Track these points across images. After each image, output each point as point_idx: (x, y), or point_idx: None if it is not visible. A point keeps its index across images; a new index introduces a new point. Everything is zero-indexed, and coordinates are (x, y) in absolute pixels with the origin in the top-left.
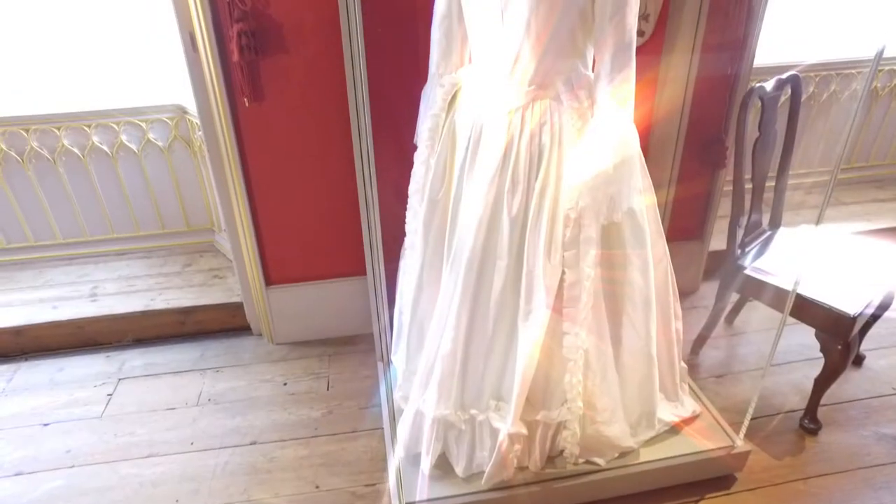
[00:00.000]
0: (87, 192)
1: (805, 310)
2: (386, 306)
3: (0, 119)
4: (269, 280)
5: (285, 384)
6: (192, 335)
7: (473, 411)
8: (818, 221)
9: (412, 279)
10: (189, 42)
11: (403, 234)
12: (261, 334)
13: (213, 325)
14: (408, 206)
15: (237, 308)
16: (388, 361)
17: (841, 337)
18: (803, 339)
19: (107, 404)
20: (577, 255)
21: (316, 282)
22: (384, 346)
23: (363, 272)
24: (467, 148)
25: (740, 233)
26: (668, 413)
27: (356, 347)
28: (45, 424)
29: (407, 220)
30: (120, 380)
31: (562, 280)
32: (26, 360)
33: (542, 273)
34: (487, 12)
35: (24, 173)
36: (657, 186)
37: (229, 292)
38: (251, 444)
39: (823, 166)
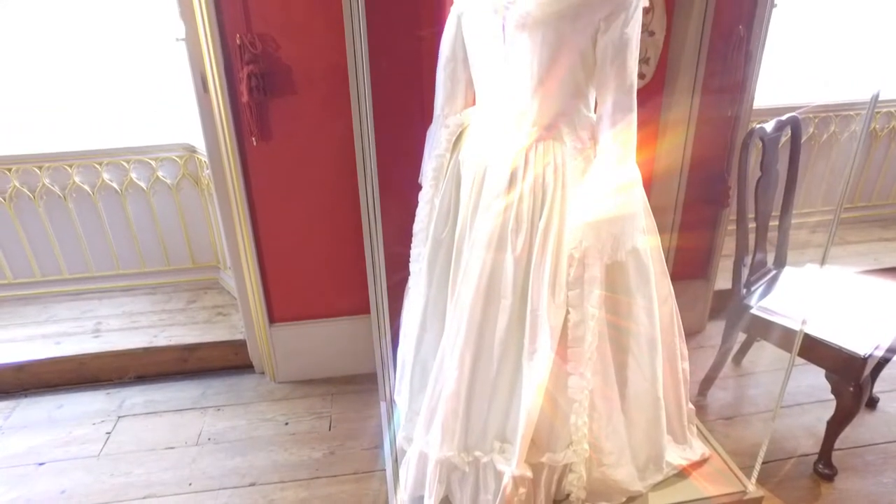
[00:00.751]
0: (95, 228)
1: (814, 350)
2: (389, 345)
3: (15, 157)
4: (272, 318)
5: (287, 423)
6: (194, 373)
7: (477, 453)
8: (823, 261)
9: (416, 318)
10: (201, 83)
11: (407, 272)
12: (263, 372)
13: (216, 362)
14: (412, 245)
15: (240, 346)
16: (392, 401)
17: (852, 378)
18: (814, 381)
19: (105, 443)
20: (581, 295)
21: (319, 320)
22: (387, 386)
23: (367, 311)
24: (471, 188)
25: (745, 272)
26: (676, 456)
27: (359, 387)
28: (41, 464)
29: (411, 258)
30: (119, 417)
31: (566, 320)
32: (26, 396)
33: (547, 312)
34: (491, 56)
35: (35, 210)
36: (660, 225)
37: (233, 330)
38: (250, 485)
39: (826, 205)
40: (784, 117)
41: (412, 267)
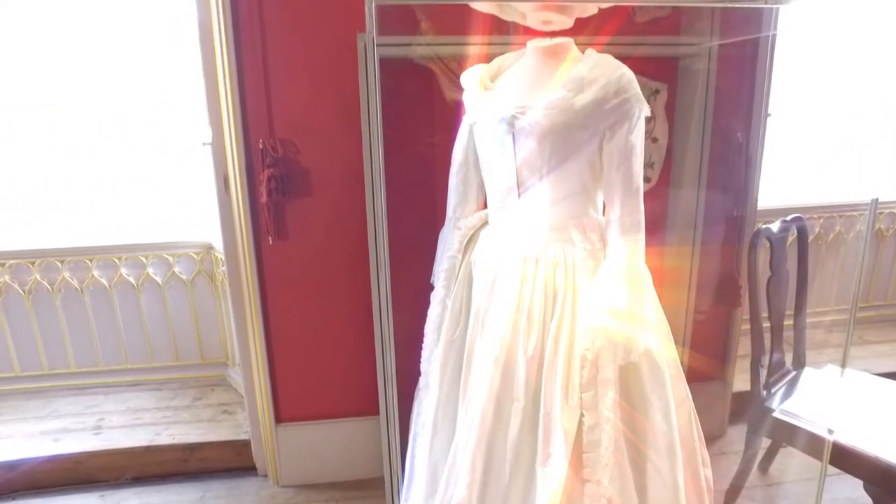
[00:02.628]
0: (108, 321)
1: (847, 459)
2: (399, 449)
3: (39, 251)
4: (279, 417)
5: None
6: (195, 474)
7: None
8: (844, 362)
9: (426, 421)
10: (223, 184)
11: (418, 373)
12: (266, 475)
13: (218, 463)
14: (423, 346)
15: (244, 446)
16: None
17: (894, 491)
18: (851, 493)
19: None
20: (595, 397)
21: (327, 421)
22: (395, 492)
23: (376, 412)
24: (483, 289)
25: (763, 373)
26: None
27: (365, 493)
28: None
29: (422, 359)
30: None
31: (580, 424)
32: (14, 499)
33: (560, 415)
34: (502, 162)
35: (52, 302)
36: (673, 326)
37: (237, 429)
38: None
39: (840, 304)
40: (789, 217)
41: (423, 368)
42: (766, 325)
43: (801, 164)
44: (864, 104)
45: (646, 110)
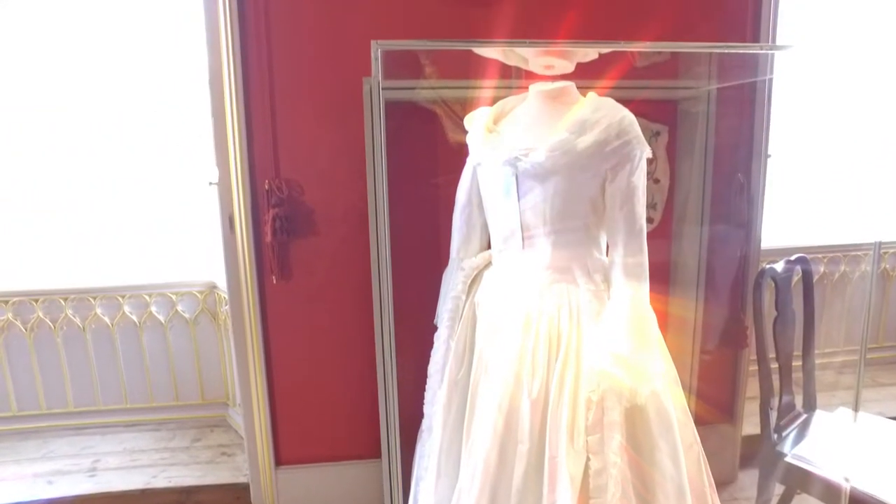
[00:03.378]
0: (109, 360)
1: None
2: (401, 493)
3: (42, 291)
4: (279, 460)
5: None
6: None
7: None
8: (856, 405)
9: (429, 464)
10: (228, 224)
11: (421, 416)
12: None
13: None
14: (426, 387)
15: (242, 490)
16: None
17: None
18: None
19: None
20: (601, 441)
21: (328, 463)
22: None
23: (378, 455)
24: (487, 330)
25: (773, 415)
26: None
27: None
28: None
29: (425, 401)
30: None
31: (586, 468)
32: None
33: (566, 459)
34: (505, 202)
35: (54, 340)
36: (679, 367)
37: (236, 472)
38: None
39: (849, 345)
40: (793, 257)
41: (426, 410)
42: (774, 366)
43: (803, 205)
44: (864, 145)
45: (647, 152)
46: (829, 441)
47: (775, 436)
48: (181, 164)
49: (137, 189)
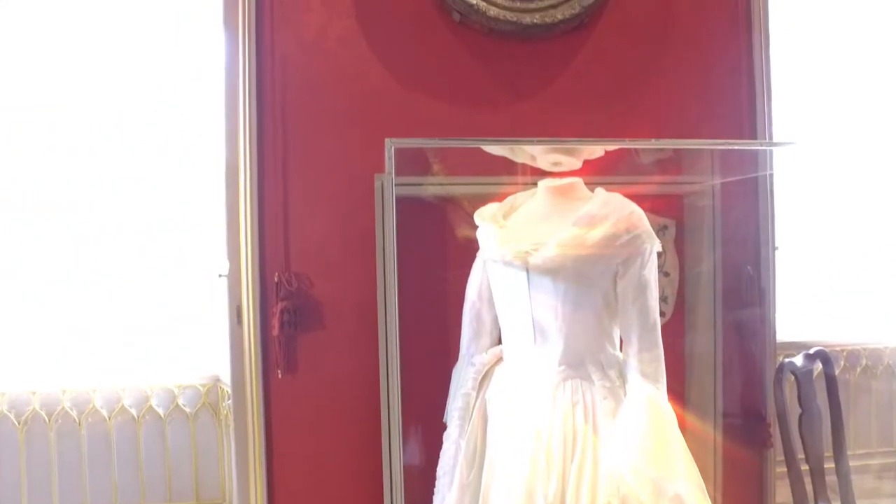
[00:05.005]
0: (103, 456)
1: None
2: None
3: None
4: None
5: None
6: None
7: None
8: None
9: None
10: (236, 316)
11: None
12: None
13: None
14: (435, 490)
15: None
16: None
17: None
18: None
19: None
20: None
21: None
22: None
23: None
24: (499, 429)
25: None
26: None
27: None
28: None
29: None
30: None
31: None
32: None
33: None
34: (516, 298)
35: (47, 434)
36: (701, 470)
37: None
38: None
39: (884, 446)
40: (812, 350)
41: None
42: (805, 468)
43: (817, 298)
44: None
45: (657, 245)
46: None
47: None
48: (188, 254)
49: (142, 279)
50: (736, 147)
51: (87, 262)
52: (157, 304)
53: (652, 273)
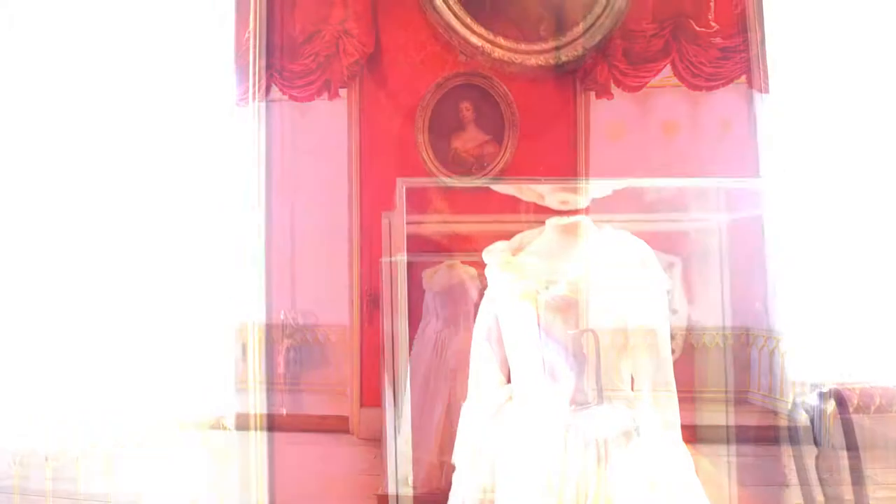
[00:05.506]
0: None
1: None
2: None
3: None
4: None
5: None
6: None
7: None
8: None
9: None
10: (241, 352)
11: None
12: None
13: None
14: None
15: None
16: None
17: None
18: None
19: None
20: None
21: None
22: None
23: None
24: (509, 468)
25: None
26: None
27: None
28: None
29: None
30: None
31: None
32: None
33: None
34: (525, 336)
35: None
36: None
37: None
38: None
39: None
40: (825, 388)
41: None
42: None
43: (828, 336)
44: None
45: (666, 282)
46: None
47: None
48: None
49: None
50: (740, 185)
51: (90, 296)
52: (162, 343)
53: (661, 310)
